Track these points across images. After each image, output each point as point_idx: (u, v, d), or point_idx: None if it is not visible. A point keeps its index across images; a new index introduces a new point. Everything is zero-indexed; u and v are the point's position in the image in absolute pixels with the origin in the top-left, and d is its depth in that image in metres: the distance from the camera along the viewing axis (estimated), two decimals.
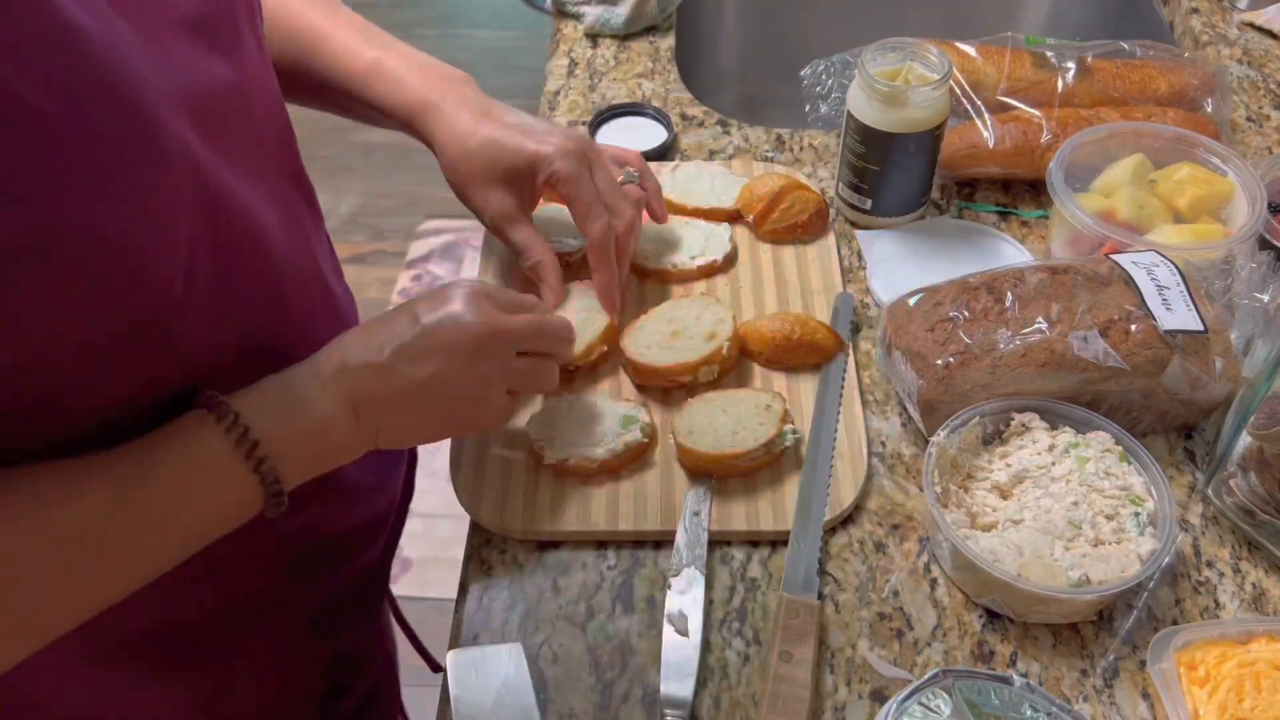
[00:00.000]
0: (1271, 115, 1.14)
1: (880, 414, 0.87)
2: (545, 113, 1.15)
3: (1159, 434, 0.86)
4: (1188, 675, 0.69)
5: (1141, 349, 0.79)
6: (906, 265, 0.98)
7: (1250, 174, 0.91)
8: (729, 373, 0.88)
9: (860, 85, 0.95)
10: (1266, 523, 0.77)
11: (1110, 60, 1.09)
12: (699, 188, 1.02)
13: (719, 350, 0.85)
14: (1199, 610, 0.76)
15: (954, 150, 1.03)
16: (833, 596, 0.77)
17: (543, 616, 0.76)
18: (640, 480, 0.82)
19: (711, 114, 1.15)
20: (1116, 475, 0.77)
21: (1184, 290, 0.81)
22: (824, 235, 1.00)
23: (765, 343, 0.88)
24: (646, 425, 0.83)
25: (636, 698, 0.71)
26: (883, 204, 1.00)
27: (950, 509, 0.76)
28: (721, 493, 0.81)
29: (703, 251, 0.97)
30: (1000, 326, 0.81)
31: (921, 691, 0.66)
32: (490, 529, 0.80)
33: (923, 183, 1.00)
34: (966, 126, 1.04)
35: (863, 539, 0.80)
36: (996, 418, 0.81)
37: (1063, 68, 1.07)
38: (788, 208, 0.97)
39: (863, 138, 0.96)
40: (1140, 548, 0.73)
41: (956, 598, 0.76)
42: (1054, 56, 1.08)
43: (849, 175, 1.00)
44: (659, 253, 0.97)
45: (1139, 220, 0.91)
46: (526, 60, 2.95)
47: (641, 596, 0.76)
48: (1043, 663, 0.73)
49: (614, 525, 0.79)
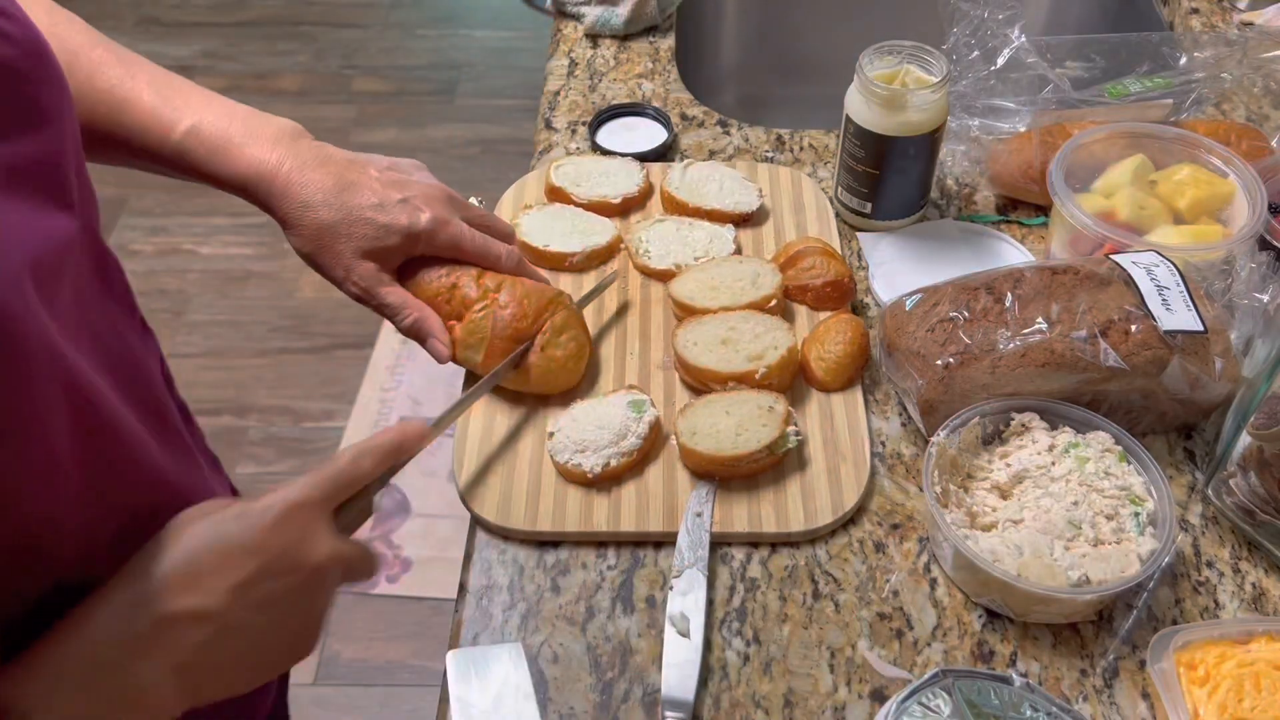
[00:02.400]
0: (1271, 115, 1.15)
1: (880, 414, 0.87)
2: (545, 113, 1.16)
3: (1159, 434, 0.86)
4: (1188, 675, 0.69)
5: (1141, 349, 0.79)
6: (909, 267, 0.98)
7: (1251, 175, 0.91)
8: (784, 391, 0.87)
9: (859, 89, 0.95)
10: (1266, 523, 0.77)
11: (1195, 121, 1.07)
12: (708, 188, 1.02)
13: (752, 373, 0.85)
14: (1199, 610, 0.76)
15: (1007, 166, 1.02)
16: (833, 596, 0.77)
17: (543, 616, 0.76)
18: (643, 481, 0.82)
19: (711, 114, 1.15)
20: (1116, 475, 0.77)
21: (1184, 291, 0.81)
22: (842, 309, 0.93)
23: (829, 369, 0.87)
24: (650, 403, 0.84)
25: (636, 698, 0.72)
26: (882, 207, 1.00)
27: (950, 509, 0.76)
28: (724, 494, 0.81)
29: (706, 253, 0.97)
30: (1000, 327, 0.81)
31: (921, 691, 0.66)
32: (492, 527, 0.80)
33: (922, 185, 1.00)
34: (1019, 141, 1.02)
35: (863, 539, 0.80)
36: (996, 418, 0.81)
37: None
38: (806, 268, 0.93)
39: (862, 141, 0.96)
40: (1140, 548, 0.73)
41: (956, 597, 0.76)
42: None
43: (848, 179, 1.00)
44: (664, 254, 0.97)
45: (1139, 221, 0.91)
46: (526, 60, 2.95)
47: (641, 596, 0.77)
48: (1043, 662, 0.73)
49: (616, 526, 0.79)
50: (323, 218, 0.79)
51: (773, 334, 0.88)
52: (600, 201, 1.01)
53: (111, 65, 0.77)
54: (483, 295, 0.84)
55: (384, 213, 0.80)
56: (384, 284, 0.83)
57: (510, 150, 2.65)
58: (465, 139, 2.73)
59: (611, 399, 0.85)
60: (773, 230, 1.01)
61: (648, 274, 0.97)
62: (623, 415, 0.83)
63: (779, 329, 0.88)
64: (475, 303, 0.84)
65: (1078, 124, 1.02)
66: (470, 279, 0.85)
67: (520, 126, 2.70)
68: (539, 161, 1.10)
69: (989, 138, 1.05)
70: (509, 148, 2.66)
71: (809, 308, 0.94)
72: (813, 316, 0.93)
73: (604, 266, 0.98)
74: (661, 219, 1.00)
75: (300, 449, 2.13)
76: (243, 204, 0.80)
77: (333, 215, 0.79)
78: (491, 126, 2.78)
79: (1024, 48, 1.05)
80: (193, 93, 0.79)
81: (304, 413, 2.19)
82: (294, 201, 0.79)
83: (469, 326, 0.84)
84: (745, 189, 1.03)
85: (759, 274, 0.93)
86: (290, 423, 2.18)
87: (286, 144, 0.79)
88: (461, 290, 0.84)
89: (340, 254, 0.80)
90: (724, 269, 0.93)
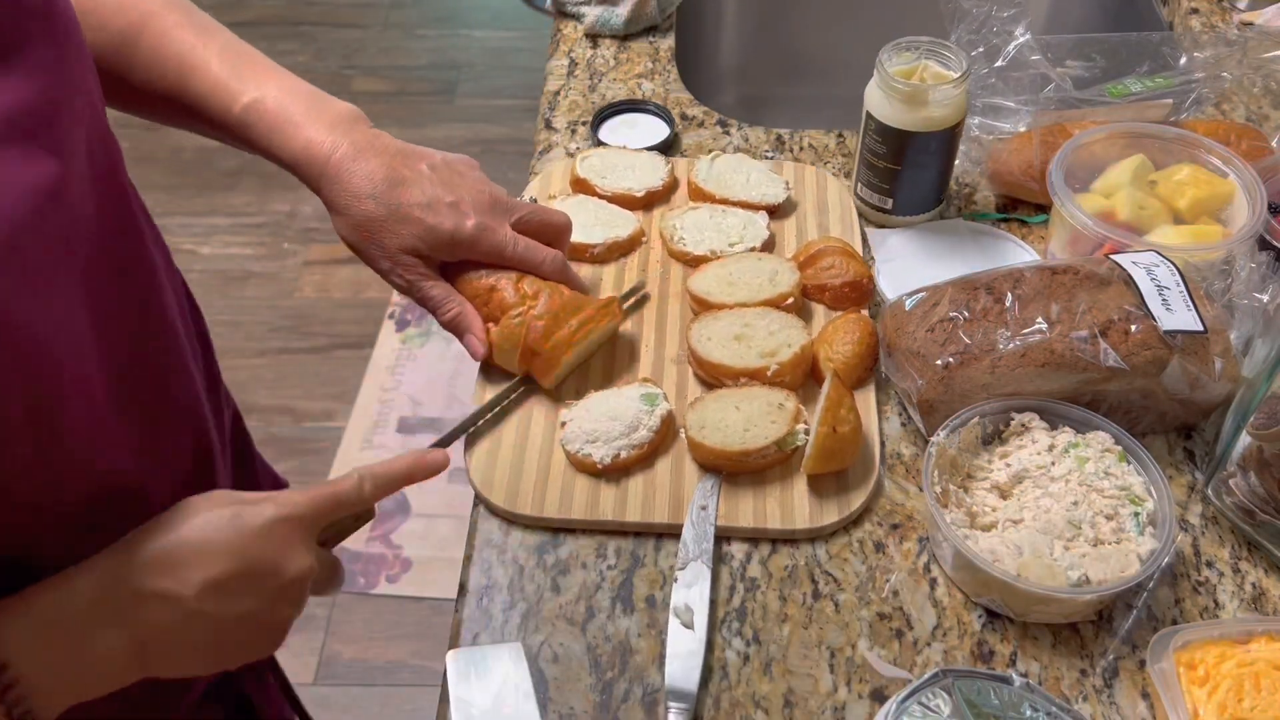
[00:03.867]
0: (1271, 115, 1.15)
1: (881, 414, 0.87)
2: (545, 113, 1.16)
3: (1159, 434, 0.86)
4: (1187, 675, 0.69)
5: (1141, 349, 0.79)
6: (915, 264, 0.98)
7: (1250, 175, 0.91)
8: (795, 389, 0.87)
9: (879, 85, 0.95)
10: (1266, 523, 0.77)
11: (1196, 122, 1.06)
12: (735, 180, 1.03)
13: (764, 370, 0.85)
14: (1199, 610, 0.76)
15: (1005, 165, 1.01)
16: (833, 596, 0.77)
17: (543, 616, 0.76)
18: (650, 473, 0.82)
19: (711, 114, 1.15)
20: (1116, 475, 0.77)
21: (1184, 290, 0.81)
22: (860, 308, 0.93)
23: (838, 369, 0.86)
24: (663, 396, 0.84)
25: (636, 697, 0.72)
26: (903, 203, 1.00)
27: (950, 509, 0.76)
28: (730, 488, 0.81)
29: (740, 239, 0.98)
30: (1000, 327, 0.81)
31: (921, 691, 0.66)
32: (499, 512, 0.81)
33: (941, 180, 1.00)
34: (1019, 140, 1.02)
35: (863, 539, 0.80)
36: (996, 418, 0.81)
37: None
38: (825, 267, 0.93)
39: (883, 137, 0.96)
40: (1140, 547, 0.73)
41: (956, 597, 0.76)
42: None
43: (868, 175, 1.00)
44: (699, 240, 0.98)
45: (1139, 221, 0.91)
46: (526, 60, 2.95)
47: (641, 596, 0.77)
48: (1042, 662, 0.73)
49: (621, 516, 0.80)
50: (370, 210, 0.79)
51: (787, 331, 0.88)
52: (624, 194, 1.02)
53: (184, 30, 0.77)
54: (520, 301, 0.84)
55: (432, 213, 0.81)
56: (429, 278, 0.84)
57: (510, 150, 2.65)
58: (465, 139, 2.73)
59: (625, 390, 0.85)
60: (795, 227, 1.01)
61: (682, 260, 0.98)
62: (635, 408, 0.83)
63: (794, 327, 0.88)
64: (512, 308, 0.84)
65: (1078, 124, 1.02)
66: (510, 283, 0.85)
67: (520, 126, 2.70)
68: (539, 161, 1.10)
69: (989, 137, 1.06)
70: (509, 148, 2.66)
71: (826, 307, 0.94)
72: (830, 316, 0.93)
73: (625, 259, 0.99)
74: (695, 206, 1.01)
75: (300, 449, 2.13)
76: (242, 204, 0.81)
77: (380, 209, 0.80)
78: (491, 126, 2.78)
79: (1028, 45, 1.05)
80: (262, 66, 0.80)
81: (304, 412, 2.19)
82: (344, 190, 0.79)
83: (503, 331, 0.84)
84: (772, 181, 1.03)
85: (777, 271, 0.93)
86: (290, 422, 2.18)
87: (344, 129, 0.80)
88: (500, 294, 0.85)
89: (385, 247, 0.81)
90: (743, 265, 0.94)
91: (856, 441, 0.80)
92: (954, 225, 1.03)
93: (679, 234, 0.98)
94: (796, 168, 1.07)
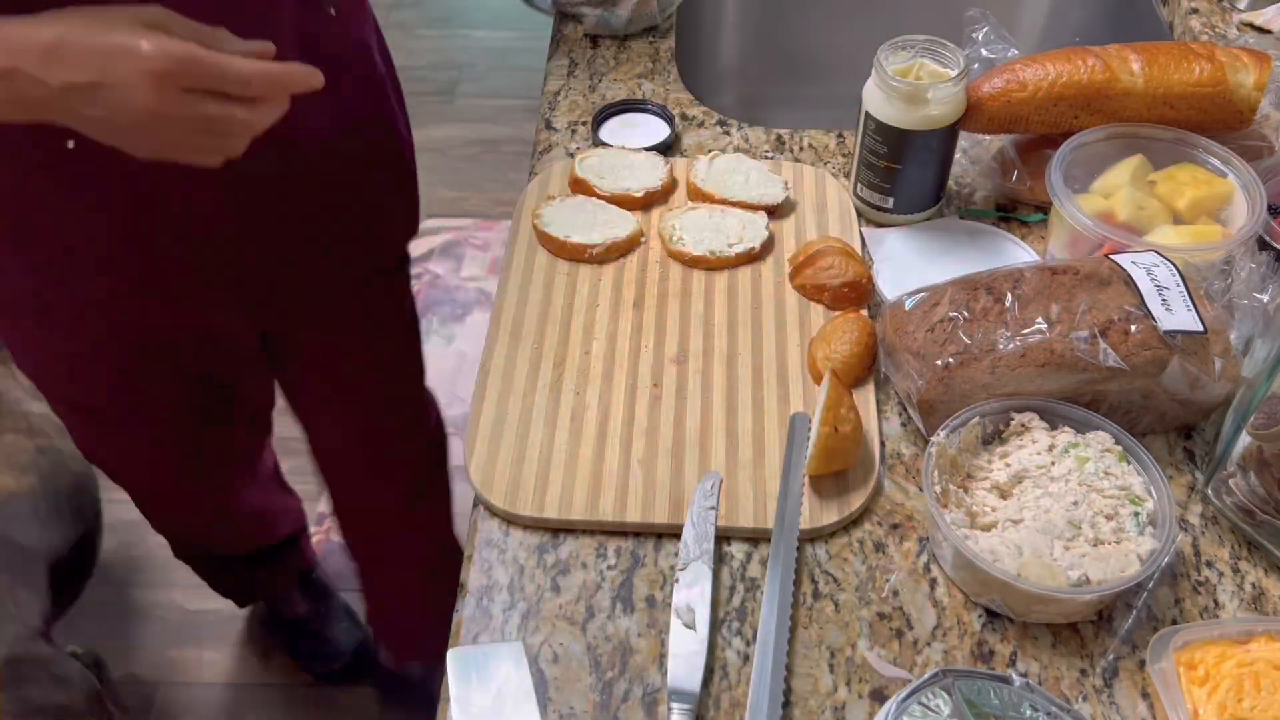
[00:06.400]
0: (1271, 115, 1.14)
1: (880, 414, 0.88)
2: (545, 113, 1.16)
3: (1159, 434, 0.86)
4: (1187, 675, 0.69)
5: (1141, 349, 0.79)
6: (913, 264, 0.98)
7: (1250, 175, 0.92)
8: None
9: (878, 84, 0.95)
10: (1266, 523, 0.77)
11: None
12: (733, 180, 1.04)
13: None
14: (1198, 610, 0.76)
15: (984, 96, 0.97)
16: (833, 596, 0.77)
17: (543, 616, 0.76)
18: (649, 472, 0.82)
19: (711, 114, 1.15)
20: (1116, 475, 0.77)
21: (1183, 291, 0.81)
22: (859, 308, 0.94)
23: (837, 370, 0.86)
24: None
25: (636, 697, 0.72)
26: (903, 202, 1.00)
27: (950, 509, 0.76)
28: (729, 488, 0.81)
29: (739, 239, 0.98)
30: (1000, 327, 0.81)
31: (921, 691, 0.66)
32: (499, 512, 0.81)
33: (941, 178, 1.00)
34: (995, 71, 0.98)
35: (862, 539, 0.80)
36: (996, 418, 0.81)
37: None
38: (825, 267, 0.94)
39: (883, 137, 0.96)
40: (1140, 547, 0.73)
41: (956, 597, 0.77)
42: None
43: (868, 174, 1.00)
44: (698, 240, 0.98)
45: (1138, 221, 0.92)
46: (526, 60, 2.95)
47: (641, 596, 0.77)
48: (1042, 662, 0.73)
49: (621, 516, 0.80)
50: None
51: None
52: (623, 194, 1.03)
53: None
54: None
55: None
56: None
57: (510, 150, 2.65)
58: (465, 139, 2.73)
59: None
60: (794, 227, 1.02)
61: (681, 260, 0.98)
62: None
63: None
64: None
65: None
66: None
67: (520, 126, 2.70)
68: (539, 161, 1.10)
69: (989, 137, 1.06)
70: (509, 148, 2.66)
71: (825, 307, 0.94)
72: (829, 316, 0.94)
73: (623, 259, 0.99)
74: (694, 206, 1.02)
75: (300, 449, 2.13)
76: None
77: None
78: (492, 126, 2.78)
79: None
80: None
81: None
82: None
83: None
84: (771, 181, 1.04)
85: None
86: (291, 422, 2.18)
87: None
88: None
89: None
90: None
91: (857, 441, 0.81)
92: (953, 225, 1.03)
93: (678, 234, 0.99)
94: (795, 168, 1.07)
